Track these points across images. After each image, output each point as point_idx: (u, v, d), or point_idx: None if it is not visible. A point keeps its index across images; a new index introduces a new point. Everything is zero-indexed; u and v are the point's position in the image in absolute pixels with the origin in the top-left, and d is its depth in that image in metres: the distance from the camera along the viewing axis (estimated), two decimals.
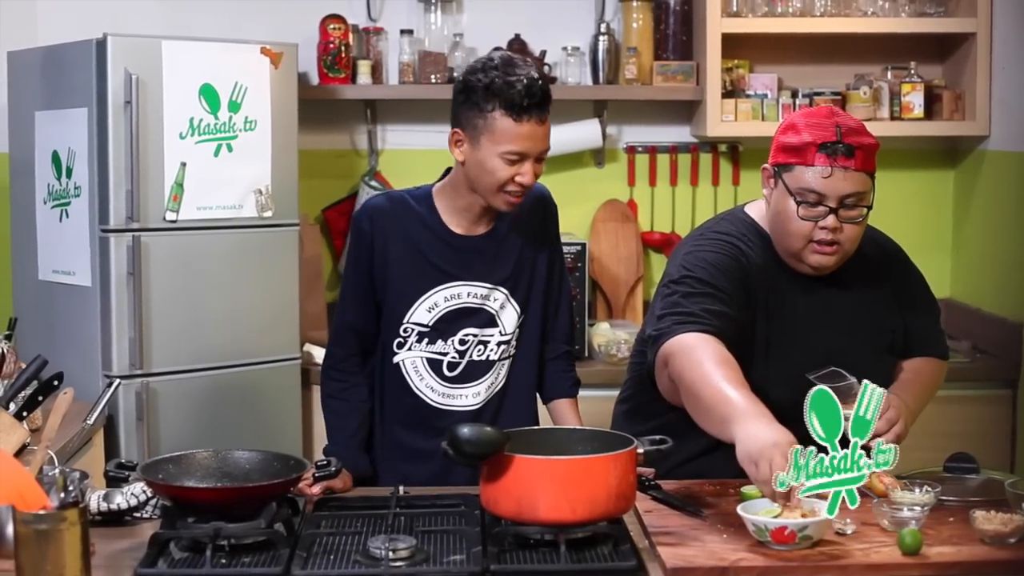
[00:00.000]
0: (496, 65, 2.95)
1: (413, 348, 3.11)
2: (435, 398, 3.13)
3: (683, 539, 2.54)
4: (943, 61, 5.13)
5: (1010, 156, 4.73)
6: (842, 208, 2.83)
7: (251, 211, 4.34)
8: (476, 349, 3.12)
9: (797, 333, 2.95)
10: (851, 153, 2.79)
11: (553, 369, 3.28)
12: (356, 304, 3.14)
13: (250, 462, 2.75)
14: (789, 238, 2.89)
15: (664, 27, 5.06)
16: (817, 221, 2.83)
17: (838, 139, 2.80)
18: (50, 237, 4.38)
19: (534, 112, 2.92)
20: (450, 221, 3.10)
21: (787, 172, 2.86)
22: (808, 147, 2.81)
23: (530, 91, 2.91)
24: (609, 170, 5.22)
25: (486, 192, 3.00)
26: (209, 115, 4.24)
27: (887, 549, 2.47)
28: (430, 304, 3.09)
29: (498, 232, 3.13)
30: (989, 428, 4.57)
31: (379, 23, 5.09)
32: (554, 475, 2.47)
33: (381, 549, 2.41)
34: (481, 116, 2.93)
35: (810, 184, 2.81)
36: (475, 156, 2.97)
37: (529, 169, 2.96)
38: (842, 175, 2.80)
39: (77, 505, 2.28)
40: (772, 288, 2.95)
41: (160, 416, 4.19)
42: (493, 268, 3.12)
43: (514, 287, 3.14)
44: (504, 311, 3.13)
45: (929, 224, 5.23)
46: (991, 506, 2.60)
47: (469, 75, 2.98)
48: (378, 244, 3.09)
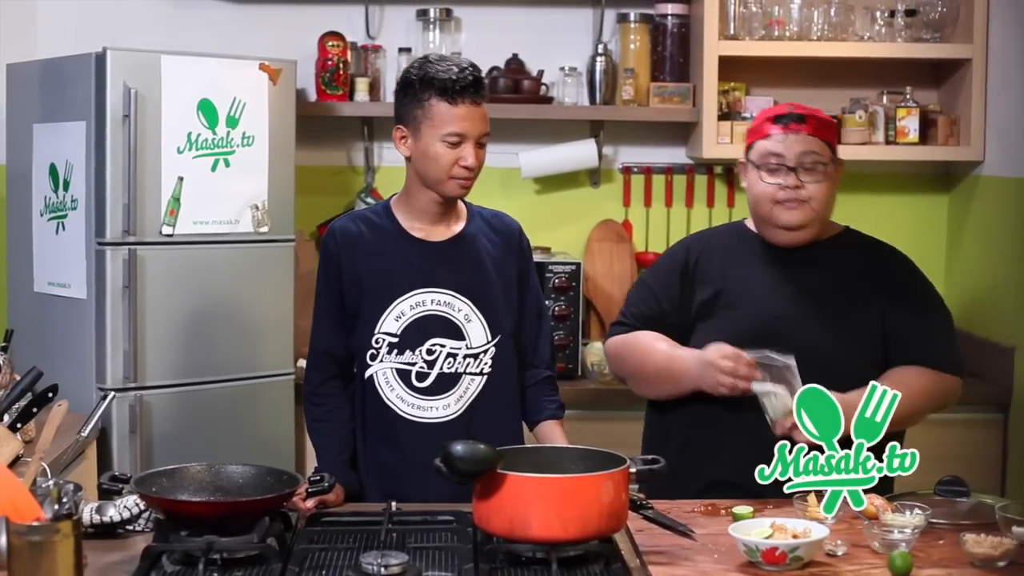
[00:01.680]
0: (430, 60, 3.13)
1: (384, 360, 3.16)
2: (406, 409, 3.17)
3: (674, 559, 2.54)
4: (939, 86, 5.15)
5: (1004, 181, 4.75)
6: (801, 169, 3.10)
7: (247, 226, 4.34)
8: (446, 361, 3.16)
9: (751, 300, 3.17)
10: (803, 120, 3.12)
11: (535, 394, 3.31)
12: (330, 329, 3.22)
13: (243, 476, 2.75)
14: (759, 204, 3.15)
15: (661, 49, 5.07)
16: (780, 183, 3.10)
17: (790, 111, 3.14)
18: (46, 249, 4.39)
19: (468, 94, 3.07)
20: (410, 227, 3.19)
21: (752, 151, 3.17)
22: (764, 124, 3.16)
23: (461, 76, 3.07)
24: (605, 190, 5.23)
25: (435, 181, 3.11)
26: (207, 130, 4.25)
27: (877, 571, 2.48)
28: (398, 313, 3.15)
29: (459, 241, 3.21)
30: (980, 452, 4.58)
31: (377, 41, 5.10)
32: (546, 493, 2.48)
33: (373, 565, 2.42)
34: (420, 107, 3.09)
35: (769, 148, 3.12)
36: (419, 147, 3.10)
37: (471, 151, 3.09)
38: (795, 137, 3.10)
39: (70, 517, 2.28)
40: (735, 263, 3.23)
41: (154, 429, 4.19)
42: (456, 274, 3.18)
43: (478, 299, 3.19)
44: (471, 324, 3.18)
45: (923, 248, 5.22)
46: (981, 529, 2.61)
47: (406, 74, 3.14)
48: (345, 263, 3.17)
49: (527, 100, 5.01)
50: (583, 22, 5.16)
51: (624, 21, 5.09)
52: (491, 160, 5.13)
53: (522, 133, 5.11)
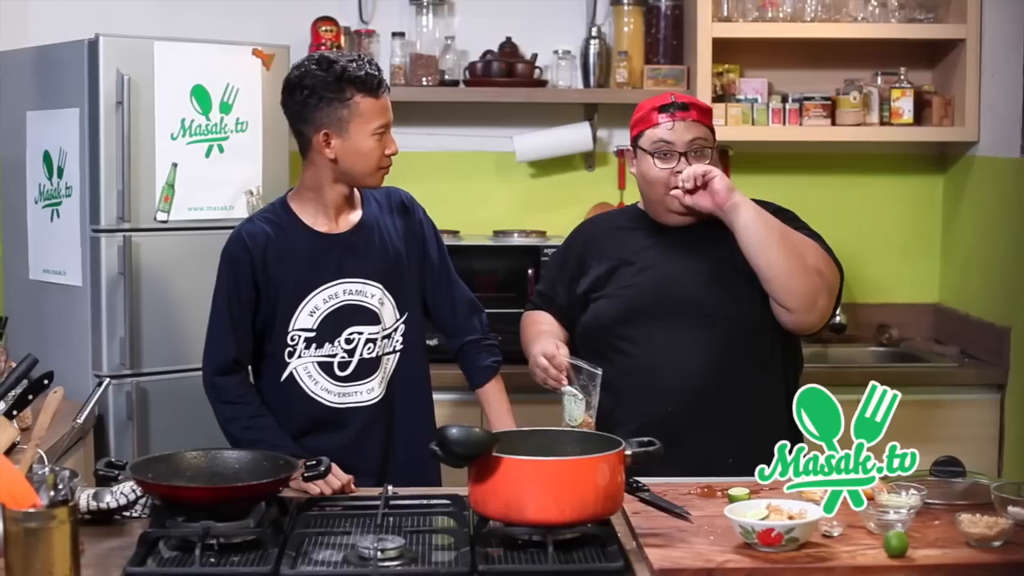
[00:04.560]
0: (331, 60, 3.15)
1: (303, 355, 3.21)
2: (331, 399, 3.23)
3: (670, 540, 2.55)
4: (933, 67, 5.14)
5: (999, 162, 4.75)
6: (691, 154, 3.27)
7: (242, 212, 4.33)
8: (366, 347, 3.22)
9: (643, 267, 3.34)
10: (686, 107, 3.29)
11: (466, 360, 3.44)
12: (236, 333, 3.21)
13: (239, 462, 2.76)
14: (652, 189, 3.31)
15: (655, 31, 5.07)
16: (672, 168, 3.25)
17: (672, 100, 3.30)
18: (41, 237, 4.38)
19: (383, 86, 3.18)
20: (313, 222, 3.24)
21: (640, 139, 3.32)
22: (650, 113, 3.31)
23: (372, 69, 3.16)
24: (599, 173, 5.23)
25: (364, 175, 3.19)
26: (200, 116, 4.24)
27: (873, 551, 2.49)
28: (311, 308, 3.20)
29: (362, 228, 3.26)
30: (976, 432, 4.58)
31: (371, 25, 5.09)
32: (542, 476, 2.48)
33: (370, 549, 2.42)
34: (344, 107, 3.14)
35: (659, 137, 3.28)
36: (347, 146, 3.15)
37: (391, 140, 3.21)
38: (683, 125, 3.28)
39: (67, 504, 2.28)
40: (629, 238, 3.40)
41: (150, 416, 4.19)
42: (363, 263, 3.23)
43: (387, 282, 3.25)
44: (384, 306, 3.24)
45: (918, 229, 5.24)
46: (977, 509, 2.62)
47: (311, 79, 3.14)
48: (258, 266, 3.20)
49: (521, 84, 5.00)
50: (576, 5, 5.15)
51: (617, 4, 5.07)
52: (486, 144, 5.19)
53: (516, 117, 5.11)
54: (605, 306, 3.35)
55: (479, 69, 5.01)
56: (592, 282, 3.39)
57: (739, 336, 3.25)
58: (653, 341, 3.28)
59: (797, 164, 5.20)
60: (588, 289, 3.40)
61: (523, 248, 4.81)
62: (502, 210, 5.15)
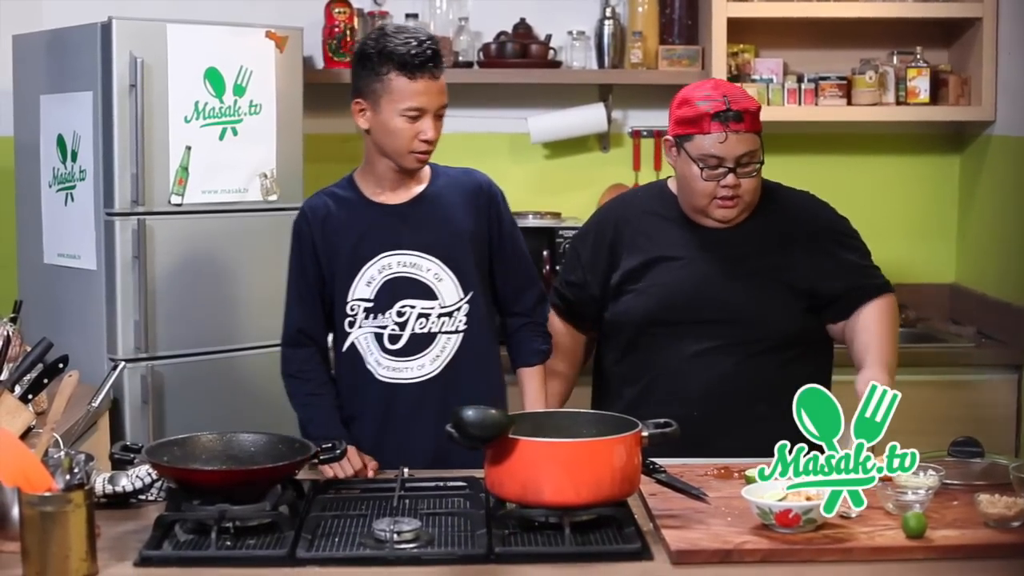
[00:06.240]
0: (387, 32, 3.13)
1: (362, 325, 3.19)
2: (382, 372, 3.19)
3: (687, 522, 2.54)
4: (949, 46, 5.11)
5: (1016, 141, 4.72)
6: (739, 167, 3.17)
7: (256, 195, 4.34)
8: (418, 322, 3.18)
9: (680, 265, 3.26)
10: (740, 118, 3.16)
11: (516, 340, 3.37)
12: (305, 307, 3.23)
13: (255, 445, 2.76)
14: (695, 197, 3.22)
15: (669, 11, 5.05)
16: (719, 181, 3.17)
17: (727, 107, 3.15)
18: (55, 221, 4.38)
19: (426, 69, 3.07)
20: (372, 194, 3.23)
21: (688, 142, 3.20)
22: (703, 118, 3.16)
23: (420, 50, 3.06)
24: (614, 155, 5.22)
25: (395, 154, 3.13)
26: (214, 99, 4.24)
27: (891, 532, 2.48)
28: (368, 278, 3.17)
29: (421, 201, 3.22)
30: (994, 413, 4.56)
31: (384, 7, 5.08)
32: (559, 458, 2.48)
33: (386, 532, 2.42)
34: (378, 80, 3.08)
35: (709, 150, 3.16)
36: (378, 120, 3.11)
37: (430, 125, 3.10)
38: (735, 138, 3.15)
39: (82, 487, 2.29)
40: (662, 230, 3.31)
41: (165, 399, 4.19)
42: (419, 235, 3.19)
43: (447, 258, 3.19)
44: (442, 283, 3.19)
45: (934, 209, 5.23)
46: (995, 490, 2.61)
47: (363, 46, 3.13)
48: (318, 239, 3.20)
49: (535, 65, 4.99)
50: None
51: None
52: (500, 126, 5.18)
53: (531, 98, 5.10)
54: (637, 302, 3.28)
55: (493, 50, 4.99)
56: (624, 274, 3.32)
57: (773, 345, 3.22)
58: (683, 343, 3.23)
59: (813, 144, 5.18)
60: (620, 281, 3.33)
61: (538, 230, 4.80)
62: (517, 192, 5.11)
